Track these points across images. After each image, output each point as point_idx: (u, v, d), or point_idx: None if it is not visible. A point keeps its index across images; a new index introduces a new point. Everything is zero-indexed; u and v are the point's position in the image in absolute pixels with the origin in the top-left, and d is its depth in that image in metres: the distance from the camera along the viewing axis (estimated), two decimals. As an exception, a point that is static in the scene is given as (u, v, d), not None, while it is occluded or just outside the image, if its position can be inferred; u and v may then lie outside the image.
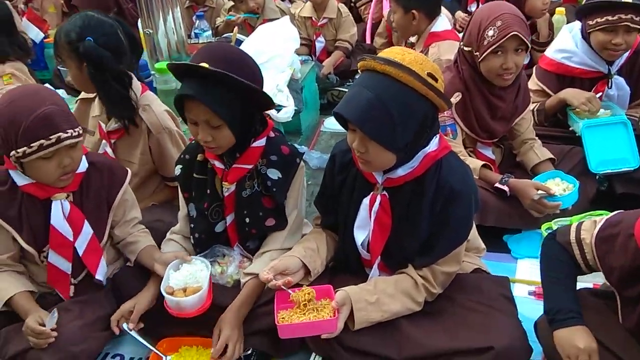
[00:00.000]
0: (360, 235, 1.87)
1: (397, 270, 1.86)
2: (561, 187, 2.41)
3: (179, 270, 1.92)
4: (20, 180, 1.89)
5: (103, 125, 2.31)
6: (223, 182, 1.96)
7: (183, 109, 1.85)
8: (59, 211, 1.90)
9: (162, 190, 2.47)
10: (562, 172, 2.48)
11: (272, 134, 1.98)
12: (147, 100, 2.33)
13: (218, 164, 1.95)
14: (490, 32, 2.33)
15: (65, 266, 1.95)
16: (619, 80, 2.74)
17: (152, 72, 3.04)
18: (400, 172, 1.74)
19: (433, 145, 1.74)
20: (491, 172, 2.50)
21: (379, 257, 1.86)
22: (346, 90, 3.97)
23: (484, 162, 2.50)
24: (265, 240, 2.03)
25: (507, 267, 2.34)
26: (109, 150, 2.32)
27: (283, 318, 1.75)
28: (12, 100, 1.81)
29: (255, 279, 1.92)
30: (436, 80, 1.64)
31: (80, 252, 1.95)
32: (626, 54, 2.69)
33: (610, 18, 2.51)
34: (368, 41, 4.42)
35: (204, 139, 1.83)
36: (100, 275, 2.01)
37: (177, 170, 2.04)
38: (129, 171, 2.09)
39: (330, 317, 1.72)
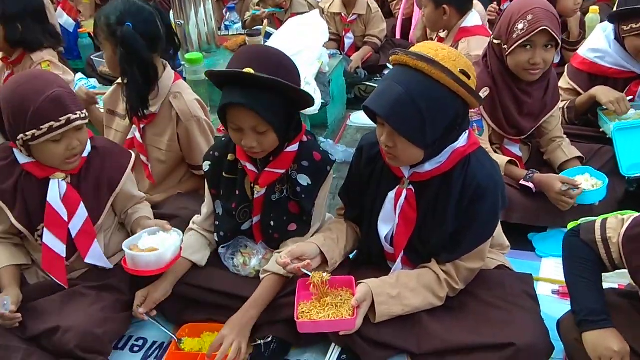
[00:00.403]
0: (385, 228, 1.87)
1: (420, 264, 1.86)
2: (590, 182, 2.38)
3: (154, 235, 1.93)
4: (22, 158, 1.90)
5: None
6: (254, 186, 1.95)
7: (224, 115, 1.82)
8: (56, 190, 1.90)
9: (189, 179, 2.50)
10: (591, 168, 2.45)
11: (304, 138, 1.96)
12: (179, 88, 2.35)
13: (250, 167, 1.94)
14: (520, 26, 2.30)
15: (59, 248, 1.94)
16: None
17: (182, 63, 3.08)
18: (428, 166, 1.73)
19: (462, 140, 1.73)
20: (517, 169, 2.48)
21: (403, 251, 1.86)
22: (374, 85, 4.00)
23: (509, 158, 2.48)
24: (285, 242, 2.01)
25: (531, 265, 2.31)
26: (137, 135, 2.35)
27: (303, 312, 1.76)
28: (19, 84, 1.83)
29: (271, 276, 1.93)
30: (469, 77, 1.62)
31: (74, 234, 1.95)
32: None
33: None
34: (398, 36, 4.40)
35: (249, 145, 1.81)
36: (92, 259, 2.00)
37: (206, 166, 2.03)
38: (133, 155, 2.10)
39: (350, 315, 1.73)
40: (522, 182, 2.41)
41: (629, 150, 2.52)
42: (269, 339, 1.92)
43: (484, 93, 2.45)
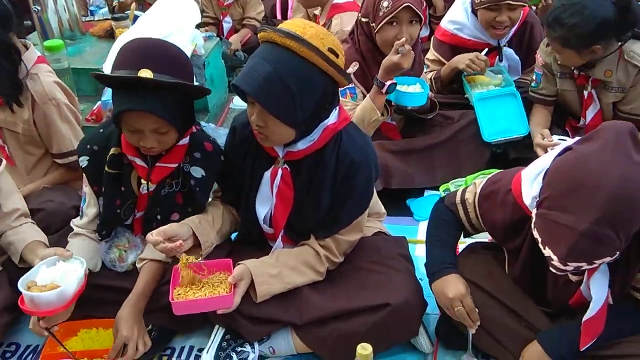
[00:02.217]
0: (263, 209, 1.86)
1: (301, 241, 1.87)
2: (415, 88, 2.50)
3: (54, 266, 1.75)
4: None
5: None
6: (143, 180, 1.86)
7: (120, 119, 1.71)
8: None
9: (56, 171, 2.35)
10: (422, 80, 2.56)
11: (194, 129, 1.90)
12: (37, 69, 2.20)
13: (140, 162, 1.84)
14: (385, 3, 2.38)
15: None
16: (509, 51, 2.84)
17: (43, 53, 2.89)
18: (301, 145, 1.73)
19: (333, 117, 1.74)
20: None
21: (282, 230, 1.86)
22: (254, 67, 3.97)
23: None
24: None
25: (409, 229, 2.41)
26: None
27: (179, 294, 1.72)
28: None
29: (151, 262, 1.87)
30: (337, 55, 1.62)
31: None
32: (515, 26, 2.78)
33: None
34: (279, 16, 4.38)
35: (149, 146, 1.73)
36: None
37: (83, 162, 1.89)
38: (4, 161, 1.92)
39: (227, 292, 1.72)
40: (380, 91, 2.40)
41: (489, 117, 2.68)
42: (149, 328, 1.87)
43: (353, 67, 2.51)
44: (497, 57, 2.83)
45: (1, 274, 1.94)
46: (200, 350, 1.88)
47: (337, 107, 1.76)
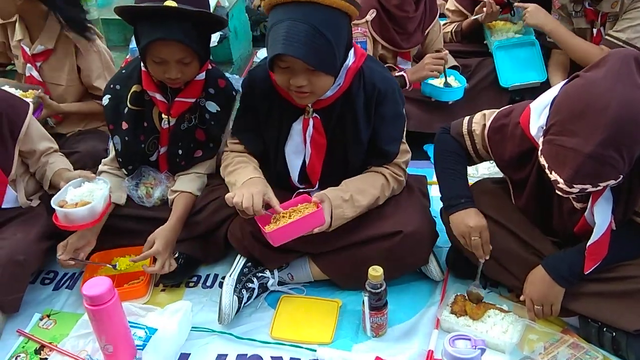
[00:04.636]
0: (296, 160, 1.89)
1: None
2: (454, 83, 2.61)
3: (80, 187, 1.91)
4: None
5: (27, 49, 2.29)
6: (164, 115, 1.95)
7: (146, 52, 1.79)
8: None
9: (93, 115, 2.47)
10: (456, 72, 2.66)
11: (209, 66, 1.98)
12: None
13: (160, 97, 1.93)
14: None
15: None
16: (519, 10, 2.84)
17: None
18: (329, 92, 1.77)
19: (351, 57, 1.77)
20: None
21: (319, 175, 1.91)
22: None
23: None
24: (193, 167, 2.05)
25: (427, 171, 2.44)
26: (35, 73, 2.31)
27: (270, 227, 1.71)
28: None
29: (183, 194, 1.98)
30: None
31: None
32: None
33: None
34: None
35: (174, 76, 1.81)
36: (8, 203, 2.02)
37: (105, 100, 2.00)
38: (31, 105, 2.04)
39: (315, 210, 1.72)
40: (396, 74, 2.53)
41: (507, 65, 2.73)
42: (176, 255, 1.98)
43: (371, 15, 2.56)
44: (510, 12, 2.86)
45: (40, 206, 2.08)
46: (224, 278, 1.99)
47: (352, 47, 1.79)
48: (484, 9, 2.75)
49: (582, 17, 2.55)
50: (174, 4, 1.70)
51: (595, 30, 2.52)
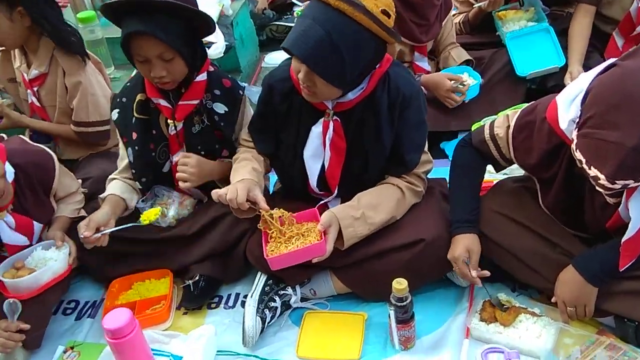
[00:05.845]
0: (315, 164, 1.85)
1: (355, 193, 1.83)
2: (467, 81, 2.55)
3: (47, 250, 1.89)
4: None
5: (25, 75, 2.28)
6: (169, 121, 1.94)
7: (129, 50, 1.79)
8: (6, 228, 1.84)
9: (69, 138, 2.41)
10: (469, 68, 2.60)
11: (211, 68, 1.97)
12: None
13: (163, 102, 1.92)
14: None
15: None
16: None
17: (76, 25, 2.96)
18: (351, 96, 1.73)
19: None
20: None
21: (338, 181, 1.86)
22: (285, 24, 3.96)
23: None
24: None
25: (445, 171, 2.38)
26: (34, 99, 2.30)
27: (272, 250, 1.71)
28: None
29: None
30: (389, 16, 1.58)
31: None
32: None
33: None
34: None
35: (158, 75, 1.80)
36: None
37: (114, 115, 2.00)
38: (54, 156, 2.00)
39: (318, 240, 1.70)
40: None
41: (522, 53, 2.65)
42: (197, 278, 1.96)
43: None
44: (518, 0, 2.78)
45: None
46: (246, 296, 1.95)
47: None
48: None
49: None
50: None
51: None
